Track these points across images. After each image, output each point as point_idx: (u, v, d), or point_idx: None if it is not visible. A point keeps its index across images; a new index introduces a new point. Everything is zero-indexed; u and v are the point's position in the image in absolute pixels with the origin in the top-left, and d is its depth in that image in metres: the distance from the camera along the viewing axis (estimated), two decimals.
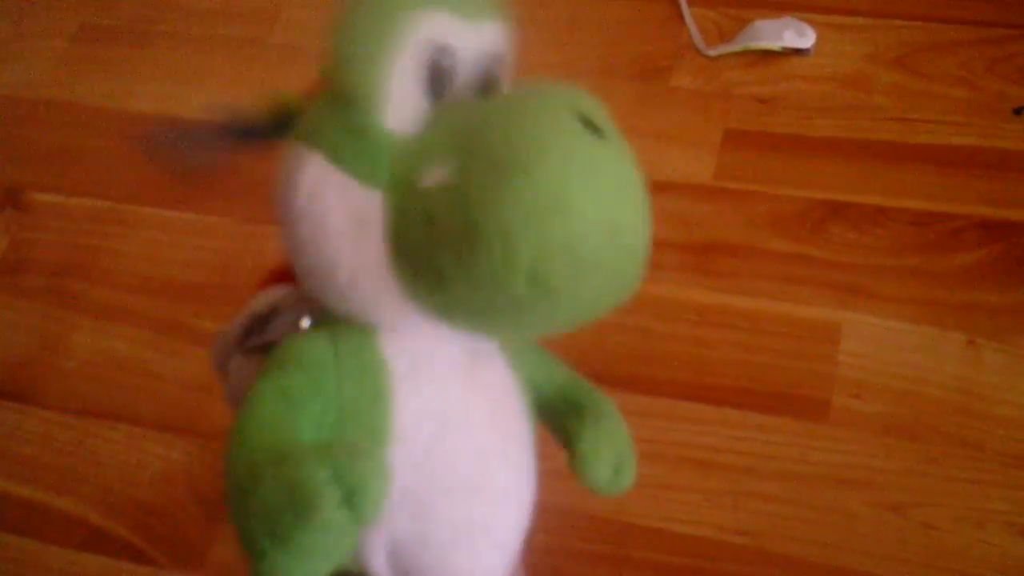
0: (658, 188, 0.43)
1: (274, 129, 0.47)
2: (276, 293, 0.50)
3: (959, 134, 0.85)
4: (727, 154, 0.87)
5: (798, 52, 0.91)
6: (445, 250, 0.42)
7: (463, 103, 0.44)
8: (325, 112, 0.45)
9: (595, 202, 0.41)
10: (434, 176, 0.42)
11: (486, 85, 0.46)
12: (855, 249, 0.81)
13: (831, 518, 0.70)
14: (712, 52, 0.93)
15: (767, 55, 0.92)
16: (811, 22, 0.92)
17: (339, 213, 0.44)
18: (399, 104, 0.43)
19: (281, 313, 0.50)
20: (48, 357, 0.86)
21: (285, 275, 0.49)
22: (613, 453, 0.52)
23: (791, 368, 0.76)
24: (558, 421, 0.53)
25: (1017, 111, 0.85)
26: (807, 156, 0.86)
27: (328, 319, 0.47)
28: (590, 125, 0.42)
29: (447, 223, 0.41)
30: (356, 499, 0.39)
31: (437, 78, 0.43)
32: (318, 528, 0.40)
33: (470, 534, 0.48)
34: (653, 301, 0.80)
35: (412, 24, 0.43)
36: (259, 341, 0.50)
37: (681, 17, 0.96)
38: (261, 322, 0.50)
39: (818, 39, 0.92)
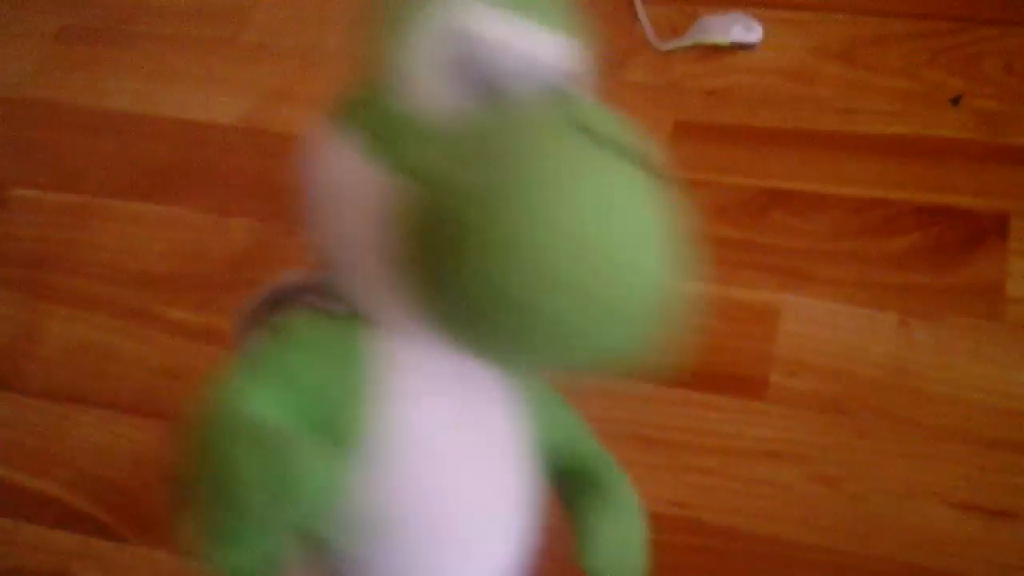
0: None
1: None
2: (305, 271, 0.48)
3: (898, 124, 0.89)
4: (677, 145, 0.91)
5: (745, 46, 0.95)
6: (443, 254, 0.39)
7: (504, 106, 0.42)
8: (362, 93, 0.43)
9: (601, 232, 0.39)
10: (449, 175, 0.40)
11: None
12: (796, 235, 0.84)
13: (765, 490, 0.73)
14: (664, 47, 0.96)
15: (716, 49, 0.95)
16: (759, 17, 0.96)
17: (356, 196, 0.42)
18: (433, 94, 0.41)
19: (307, 291, 0.47)
20: (24, 345, 0.89)
21: None
22: (616, 543, 0.49)
23: (732, 348, 0.79)
24: (567, 489, 0.50)
25: (954, 101, 0.88)
26: (752, 146, 0.90)
27: (350, 306, 0.44)
28: (610, 142, 0.40)
29: (450, 227, 0.39)
30: (285, 493, 0.38)
31: (469, 71, 0.41)
32: (240, 511, 0.39)
33: (425, 573, 0.45)
34: None
35: (442, 9, 0.41)
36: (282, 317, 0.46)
37: (635, 13, 0.99)
38: (287, 297, 0.47)
39: (765, 33, 0.95)
